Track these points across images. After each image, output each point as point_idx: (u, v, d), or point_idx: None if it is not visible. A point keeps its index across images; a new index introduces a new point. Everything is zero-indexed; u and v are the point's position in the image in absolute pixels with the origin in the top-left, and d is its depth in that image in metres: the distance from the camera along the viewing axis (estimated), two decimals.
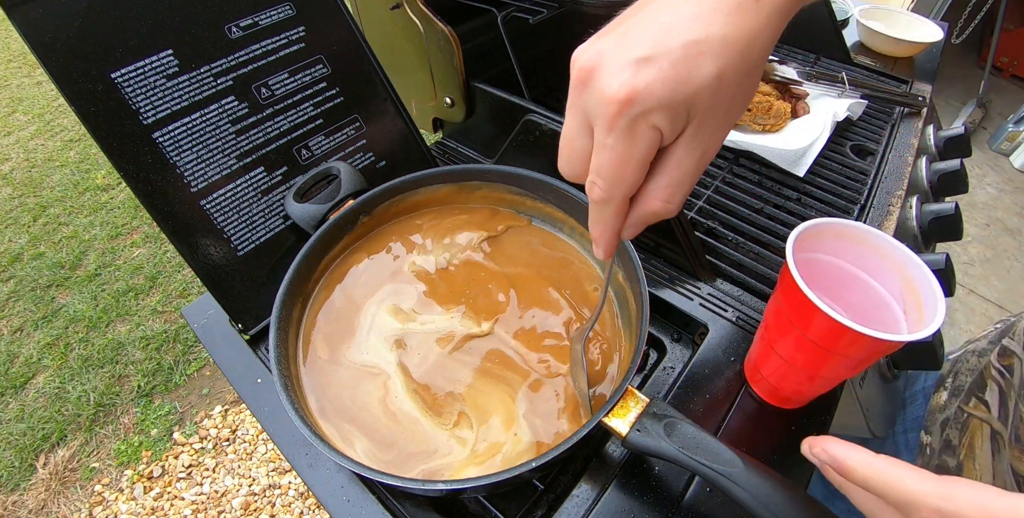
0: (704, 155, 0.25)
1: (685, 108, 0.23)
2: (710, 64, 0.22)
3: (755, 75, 0.25)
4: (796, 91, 0.73)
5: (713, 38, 0.22)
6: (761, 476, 0.29)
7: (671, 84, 0.22)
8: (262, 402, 0.45)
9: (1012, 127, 2.23)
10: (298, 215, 0.47)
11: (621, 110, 0.23)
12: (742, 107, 0.25)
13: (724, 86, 0.23)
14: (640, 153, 0.24)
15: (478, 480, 0.32)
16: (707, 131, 0.24)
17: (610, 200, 0.26)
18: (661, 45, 0.22)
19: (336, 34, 0.51)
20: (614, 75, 0.23)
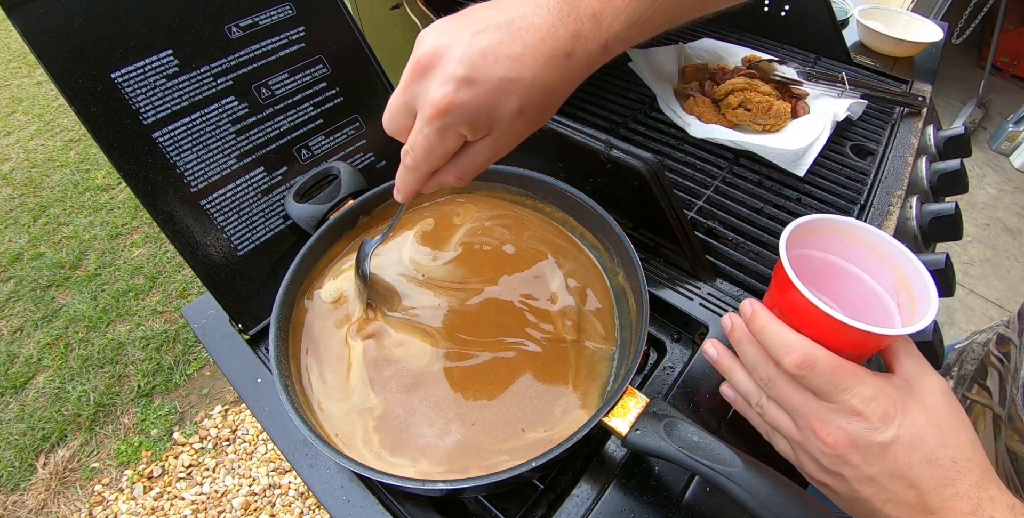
0: (495, 155, 0.32)
1: (487, 125, 0.30)
2: (515, 101, 0.28)
3: (550, 111, 0.31)
4: (796, 91, 0.73)
5: (524, 81, 0.28)
6: (761, 476, 0.29)
7: (480, 107, 0.28)
8: (262, 402, 0.45)
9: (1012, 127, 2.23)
10: (298, 215, 0.47)
11: (438, 115, 0.29)
12: (534, 129, 0.32)
13: (523, 117, 0.30)
14: (445, 148, 0.31)
15: (478, 480, 0.32)
16: (502, 141, 0.31)
17: (416, 169, 0.32)
18: (484, 72, 0.28)
19: (336, 34, 0.51)
20: (441, 84, 0.28)
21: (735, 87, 0.69)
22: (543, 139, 0.57)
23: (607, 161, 0.51)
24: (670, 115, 0.72)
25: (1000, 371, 0.50)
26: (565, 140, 0.54)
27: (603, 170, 0.52)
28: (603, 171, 0.52)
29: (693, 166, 0.67)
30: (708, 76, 0.75)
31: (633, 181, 0.50)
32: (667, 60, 0.78)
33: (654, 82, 0.75)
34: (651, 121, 0.73)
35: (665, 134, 0.71)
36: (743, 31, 0.91)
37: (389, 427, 0.39)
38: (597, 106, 0.73)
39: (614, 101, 0.74)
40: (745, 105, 0.68)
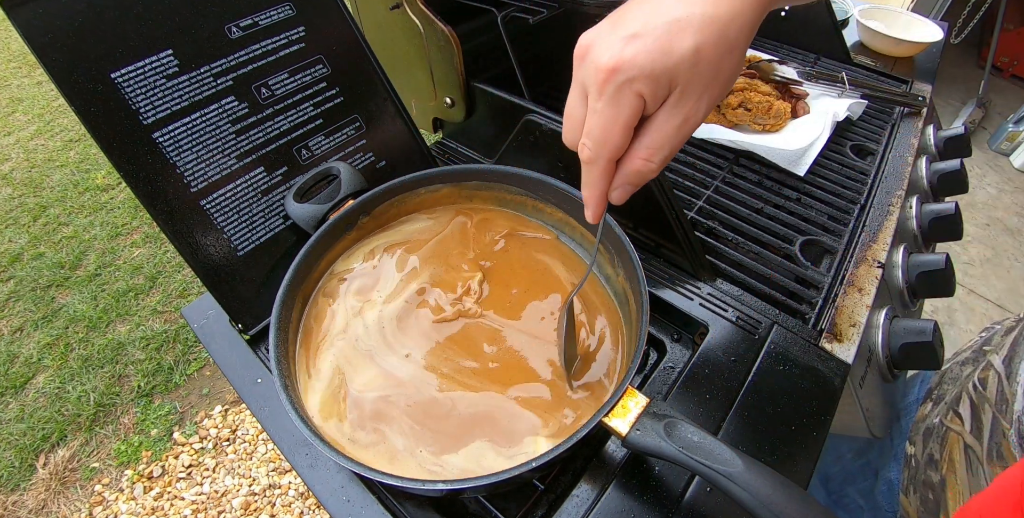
0: (684, 122, 0.28)
1: (667, 78, 0.26)
2: (690, 39, 0.25)
3: (735, 53, 0.27)
4: (796, 91, 0.73)
5: (694, 16, 0.25)
6: (761, 476, 0.29)
7: (654, 55, 0.25)
8: (262, 402, 0.45)
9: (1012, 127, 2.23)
10: (298, 215, 0.47)
11: (608, 78, 0.26)
12: (723, 83, 0.28)
13: (703, 59, 0.26)
14: (624, 117, 0.27)
15: (478, 480, 0.32)
16: (688, 101, 0.27)
17: (597, 159, 0.29)
18: (648, 23, 0.26)
19: (336, 34, 0.51)
20: (605, 49, 0.26)
21: (735, 87, 0.69)
22: (543, 139, 0.57)
23: None
24: None
25: (972, 397, 0.47)
26: None
27: None
28: None
29: (693, 166, 0.67)
30: None
31: None
32: None
33: None
34: None
35: None
36: None
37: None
38: None
39: None
40: (745, 105, 0.68)
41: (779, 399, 0.44)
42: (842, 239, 0.59)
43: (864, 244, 0.58)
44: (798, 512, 0.28)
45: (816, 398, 0.44)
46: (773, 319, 0.50)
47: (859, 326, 0.50)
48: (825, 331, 0.49)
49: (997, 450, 0.42)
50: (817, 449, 0.42)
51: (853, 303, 0.52)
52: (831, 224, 0.60)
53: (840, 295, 0.53)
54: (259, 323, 0.48)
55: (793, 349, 0.48)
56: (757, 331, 0.49)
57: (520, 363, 0.43)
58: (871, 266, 0.55)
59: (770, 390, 0.45)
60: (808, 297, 0.53)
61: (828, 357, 0.47)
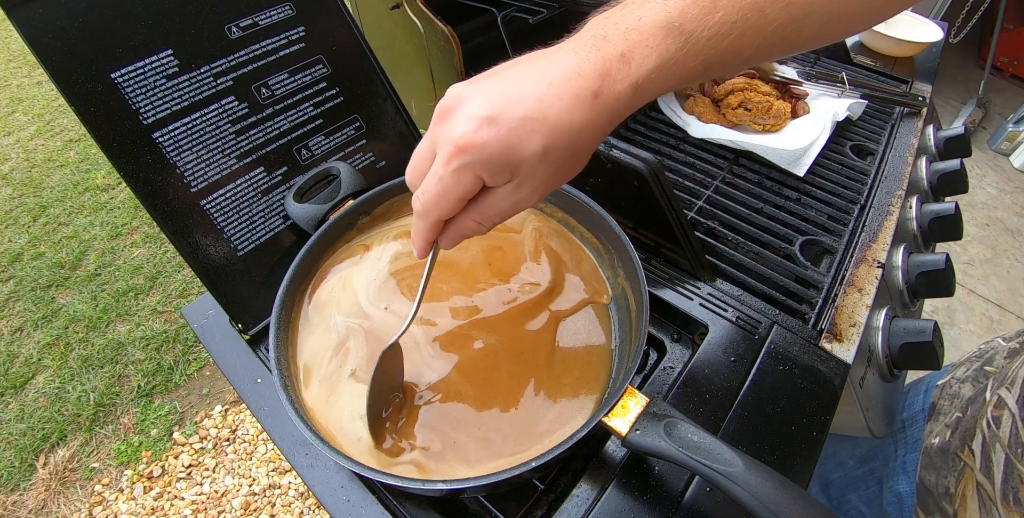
0: (517, 203, 0.30)
1: (508, 169, 0.28)
2: (539, 141, 0.27)
3: (580, 156, 0.29)
4: (796, 91, 0.73)
5: (547, 120, 0.26)
6: (761, 476, 0.29)
7: (501, 147, 0.26)
8: (262, 402, 0.45)
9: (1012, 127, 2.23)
10: (298, 215, 0.47)
11: (456, 153, 0.27)
12: (564, 179, 0.30)
13: (548, 159, 0.27)
14: (460, 192, 0.28)
15: (478, 480, 0.32)
16: (525, 189, 0.29)
17: (427, 215, 0.30)
18: (505, 112, 0.26)
19: (336, 34, 0.51)
20: (461, 123, 0.27)
21: (735, 87, 0.69)
22: None
23: (607, 161, 0.51)
24: (670, 115, 0.72)
25: (986, 435, 0.46)
26: None
27: (603, 170, 0.52)
28: (603, 171, 0.52)
29: (693, 166, 0.67)
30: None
31: (633, 181, 0.50)
32: None
33: None
34: (651, 121, 0.73)
35: (665, 134, 0.71)
36: None
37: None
38: None
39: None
40: (745, 105, 0.68)
41: (779, 399, 0.44)
42: (842, 239, 0.59)
43: (864, 244, 0.58)
44: (798, 512, 0.28)
45: (816, 398, 0.44)
46: (773, 319, 0.50)
47: (859, 326, 0.50)
48: (825, 331, 0.49)
49: (1014, 495, 0.41)
50: (817, 449, 0.42)
51: (853, 303, 0.52)
52: (831, 224, 0.60)
53: (840, 295, 0.53)
54: (259, 323, 0.48)
55: (793, 349, 0.48)
56: (757, 331, 0.49)
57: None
58: (871, 266, 0.55)
59: (770, 390, 0.45)
60: (808, 297, 0.53)
61: (828, 357, 0.47)
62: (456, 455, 0.37)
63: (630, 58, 0.27)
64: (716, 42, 0.27)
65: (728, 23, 0.26)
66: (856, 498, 0.60)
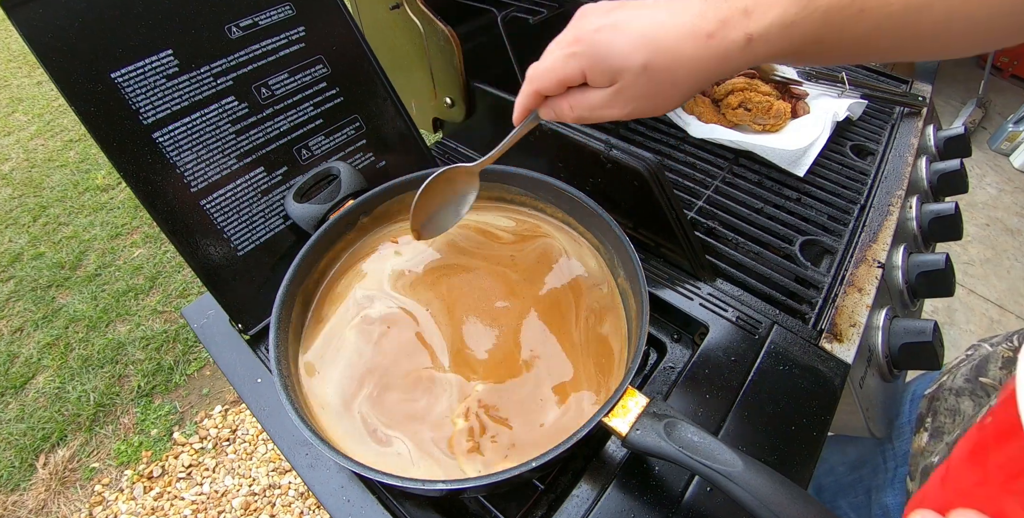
0: (608, 108, 0.33)
1: (610, 72, 0.31)
2: (643, 55, 0.30)
3: (679, 86, 0.31)
4: (796, 91, 0.73)
5: (657, 41, 0.30)
6: (761, 476, 0.29)
7: (609, 48, 0.30)
8: (262, 402, 0.45)
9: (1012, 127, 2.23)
10: (298, 215, 0.47)
11: (573, 42, 0.31)
12: (658, 106, 0.32)
13: (647, 75, 0.30)
14: (561, 74, 0.32)
15: (478, 480, 0.32)
16: (620, 98, 0.32)
17: (529, 83, 0.35)
18: (628, 24, 0.30)
19: (336, 34, 0.51)
20: (586, 25, 0.31)
21: (735, 87, 0.69)
22: (543, 139, 0.57)
23: (607, 161, 0.51)
24: (670, 115, 0.71)
25: None
26: (565, 140, 0.54)
27: (603, 170, 0.52)
28: (603, 171, 0.52)
29: (693, 166, 0.67)
30: None
31: (633, 181, 0.50)
32: None
33: None
34: (651, 121, 0.73)
35: (665, 134, 0.71)
36: None
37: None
38: None
39: None
40: (745, 105, 0.68)
41: (779, 399, 0.44)
42: (842, 239, 0.59)
43: (864, 244, 0.58)
44: (798, 512, 0.28)
45: (816, 398, 0.44)
46: (773, 319, 0.50)
47: (859, 326, 0.50)
48: (825, 331, 0.49)
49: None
50: (817, 449, 0.42)
51: (853, 303, 0.52)
52: (831, 224, 0.60)
53: (840, 295, 0.53)
54: (259, 323, 0.48)
55: (793, 349, 0.48)
56: (757, 331, 0.49)
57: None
58: (871, 266, 0.55)
59: (770, 390, 0.45)
60: (808, 297, 0.53)
61: (828, 357, 0.47)
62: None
63: (751, 12, 0.29)
64: (834, 14, 0.28)
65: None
66: (846, 504, 0.59)
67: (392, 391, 0.41)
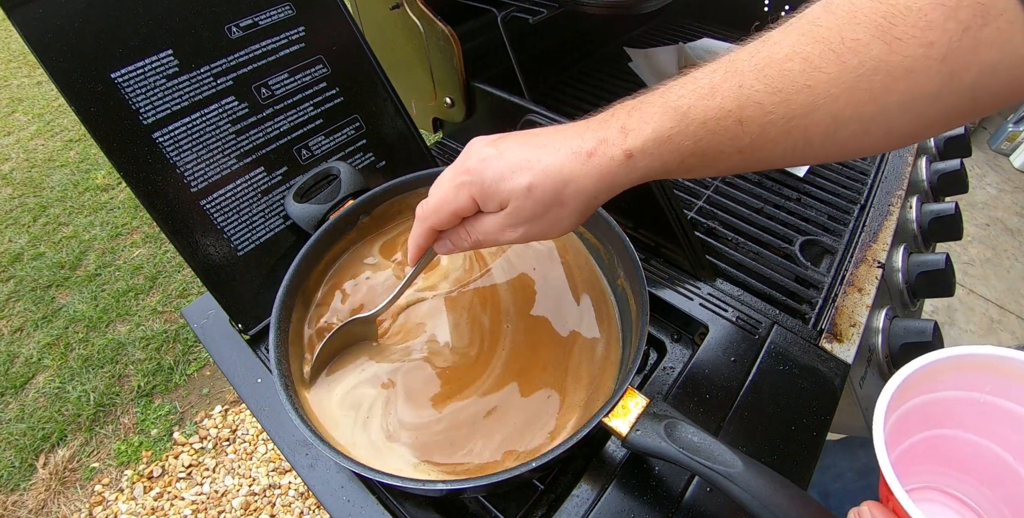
0: (503, 233, 0.33)
1: (496, 197, 0.32)
2: (527, 177, 0.31)
3: (566, 207, 0.32)
4: None
5: (540, 163, 0.31)
6: (761, 477, 0.29)
7: (495, 175, 0.31)
8: (262, 402, 0.45)
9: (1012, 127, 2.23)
10: (298, 215, 0.47)
11: (460, 173, 0.33)
12: (549, 228, 0.33)
13: (532, 197, 0.31)
14: (452, 205, 0.33)
15: (478, 480, 0.32)
16: (510, 221, 0.33)
17: (423, 221, 0.35)
18: (510, 152, 0.32)
19: (336, 34, 0.51)
20: (472, 156, 0.33)
21: None
22: None
23: None
24: None
25: None
26: None
27: None
28: None
29: None
30: None
31: None
32: (667, 60, 0.78)
33: (654, 82, 0.75)
34: None
35: None
36: (743, 31, 0.91)
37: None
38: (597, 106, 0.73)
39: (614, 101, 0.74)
40: None
41: (779, 399, 0.44)
42: (842, 239, 0.59)
43: (864, 244, 0.58)
44: (798, 512, 0.28)
45: (816, 398, 0.44)
46: (773, 319, 0.50)
47: (859, 326, 0.50)
48: (825, 331, 0.49)
49: None
50: (817, 449, 0.42)
51: (853, 303, 0.52)
52: (831, 224, 0.60)
53: (840, 295, 0.53)
54: (259, 323, 0.48)
55: (793, 349, 0.48)
56: (757, 331, 0.49)
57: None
58: (871, 266, 0.55)
59: (770, 390, 0.45)
60: (808, 297, 0.53)
61: (828, 357, 0.47)
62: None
63: (628, 130, 0.30)
64: (712, 125, 0.28)
65: (724, 110, 0.28)
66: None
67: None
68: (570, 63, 0.82)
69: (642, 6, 0.54)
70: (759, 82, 0.27)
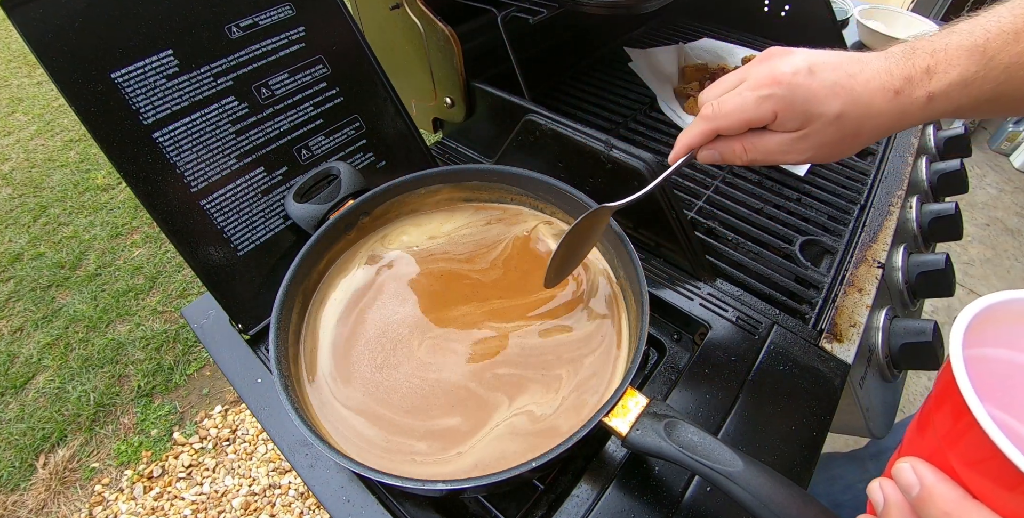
0: (786, 154, 0.33)
1: (801, 117, 0.31)
2: (839, 104, 0.30)
3: (861, 138, 0.32)
4: None
5: (853, 92, 0.30)
6: (761, 476, 0.29)
7: (807, 94, 0.30)
8: (262, 402, 0.45)
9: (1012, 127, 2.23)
10: (298, 215, 0.47)
11: (769, 83, 0.31)
12: (837, 153, 0.33)
13: (838, 124, 0.31)
14: (751, 115, 0.32)
15: (478, 480, 0.32)
16: (802, 144, 0.32)
17: (709, 121, 0.34)
18: (824, 71, 0.31)
19: (336, 34, 0.51)
20: (784, 64, 0.31)
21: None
22: (543, 139, 0.57)
23: (607, 161, 0.51)
24: (670, 115, 0.72)
25: None
26: (565, 140, 0.54)
27: (603, 170, 0.52)
28: (603, 171, 0.52)
29: (693, 166, 0.67)
30: (708, 76, 0.75)
31: (633, 181, 0.50)
32: (667, 60, 0.78)
33: (654, 82, 0.75)
34: (651, 121, 0.73)
35: (665, 134, 0.71)
36: (743, 31, 0.91)
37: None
38: (597, 106, 0.73)
39: (614, 101, 0.74)
40: None
41: (779, 399, 0.44)
42: (842, 239, 0.59)
43: (864, 244, 0.58)
44: (798, 512, 0.28)
45: (816, 398, 0.44)
46: (773, 319, 0.50)
47: (859, 326, 0.50)
48: (825, 331, 0.49)
49: None
50: (817, 449, 0.42)
51: (853, 303, 0.52)
52: (831, 224, 0.60)
53: (840, 295, 0.53)
54: (259, 323, 0.48)
55: (793, 349, 0.48)
56: (757, 331, 0.49)
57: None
58: (871, 266, 0.55)
59: (770, 390, 0.45)
60: (808, 297, 0.53)
61: (828, 357, 0.47)
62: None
63: (933, 71, 0.30)
64: (1013, 71, 0.28)
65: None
66: None
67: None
68: (570, 63, 0.82)
69: (642, 6, 0.54)
70: None
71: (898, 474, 0.22)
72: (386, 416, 0.39)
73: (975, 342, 0.22)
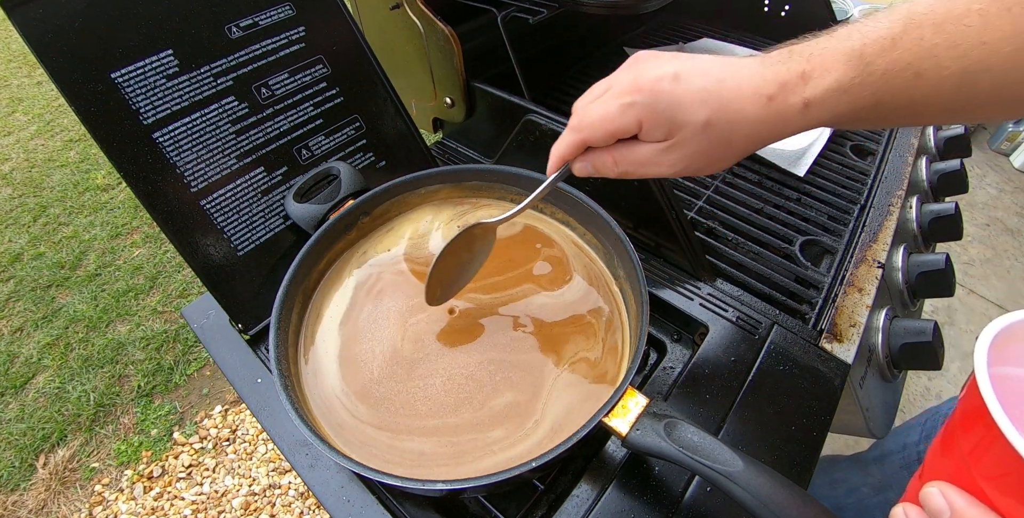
0: (656, 166, 0.32)
1: (666, 125, 0.30)
2: (705, 112, 0.29)
3: (732, 148, 0.31)
4: None
5: (721, 99, 0.29)
6: (761, 476, 0.29)
7: (672, 101, 0.29)
8: (262, 402, 0.45)
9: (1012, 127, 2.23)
10: (298, 215, 0.47)
11: (632, 91, 0.30)
12: (709, 165, 0.32)
13: (706, 133, 0.29)
14: (615, 124, 0.30)
15: (478, 480, 0.32)
16: (671, 155, 0.31)
17: (576, 132, 0.32)
18: (691, 77, 0.29)
19: (336, 34, 0.51)
20: (649, 70, 0.30)
21: None
22: (543, 139, 0.57)
23: None
24: None
25: None
26: None
27: None
28: None
29: None
30: None
31: (633, 181, 0.50)
32: None
33: None
34: None
35: None
36: (743, 31, 0.91)
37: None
38: None
39: None
40: None
41: (779, 399, 0.44)
42: (842, 239, 0.59)
43: (864, 244, 0.58)
44: (798, 512, 0.28)
45: (816, 398, 0.44)
46: (773, 319, 0.50)
47: (859, 326, 0.50)
48: (825, 331, 0.49)
49: None
50: (817, 449, 0.42)
51: (853, 303, 0.52)
52: (831, 224, 0.60)
53: (840, 295, 0.53)
54: (259, 323, 0.48)
55: (793, 349, 0.48)
56: (757, 331, 0.49)
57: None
58: (871, 266, 0.55)
59: (770, 390, 0.45)
60: (808, 297, 0.53)
61: (828, 357, 0.47)
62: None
63: (809, 77, 0.29)
64: (890, 78, 0.28)
65: (904, 62, 0.27)
66: None
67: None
68: (570, 63, 0.82)
69: (642, 6, 0.54)
70: (938, 36, 0.26)
71: (926, 499, 0.22)
72: (429, 425, 0.38)
73: (997, 360, 0.23)
